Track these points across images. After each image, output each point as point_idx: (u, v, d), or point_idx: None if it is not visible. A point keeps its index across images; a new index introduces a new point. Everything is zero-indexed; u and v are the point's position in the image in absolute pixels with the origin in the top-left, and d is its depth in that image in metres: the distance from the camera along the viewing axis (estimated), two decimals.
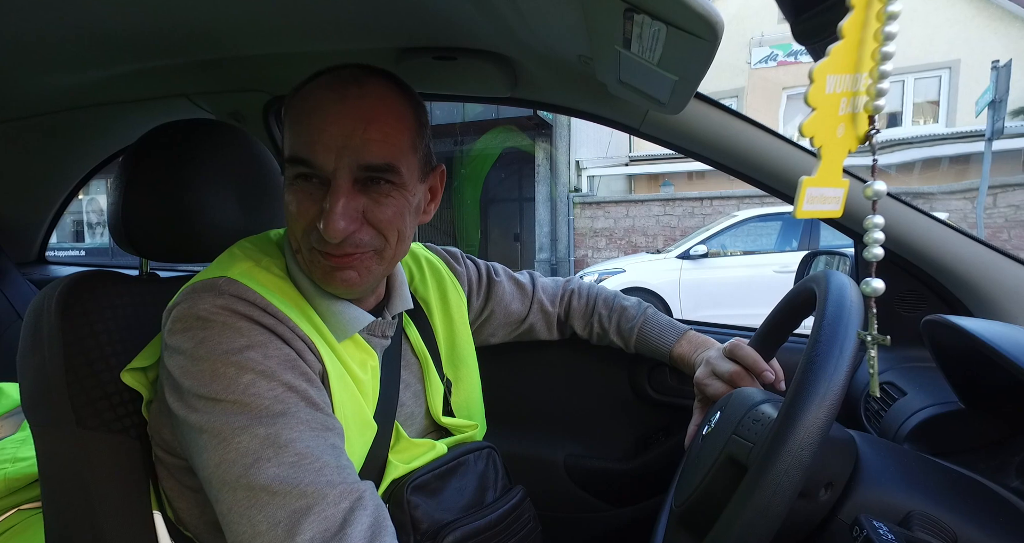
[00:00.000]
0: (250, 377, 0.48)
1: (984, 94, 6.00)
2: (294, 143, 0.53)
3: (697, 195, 7.76)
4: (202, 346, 0.49)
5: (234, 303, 0.51)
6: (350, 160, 0.52)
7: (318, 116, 0.52)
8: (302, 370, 0.52)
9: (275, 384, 0.49)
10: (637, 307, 0.89)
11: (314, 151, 0.52)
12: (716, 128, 0.81)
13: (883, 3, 0.27)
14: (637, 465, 1.00)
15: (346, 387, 0.57)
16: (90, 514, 0.60)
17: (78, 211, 10.65)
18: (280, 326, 0.52)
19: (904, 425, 0.66)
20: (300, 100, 0.54)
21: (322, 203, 0.52)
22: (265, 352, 0.50)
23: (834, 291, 0.51)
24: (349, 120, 0.52)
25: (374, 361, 0.63)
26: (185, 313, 0.51)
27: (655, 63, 0.52)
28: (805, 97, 0.28)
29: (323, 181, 0.53)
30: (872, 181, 0.31)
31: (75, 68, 0.84)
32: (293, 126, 0.54)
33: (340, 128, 0.51)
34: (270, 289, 0.55)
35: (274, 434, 0.46)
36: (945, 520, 0.43)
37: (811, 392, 0.41)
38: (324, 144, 0.51)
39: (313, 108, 0.53)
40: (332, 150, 0.51)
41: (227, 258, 0.58)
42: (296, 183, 0.54)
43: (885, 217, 0.79)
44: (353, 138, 0.52)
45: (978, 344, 0.49)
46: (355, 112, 0.52)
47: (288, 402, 0.48)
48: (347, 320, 0.59)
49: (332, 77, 0.54)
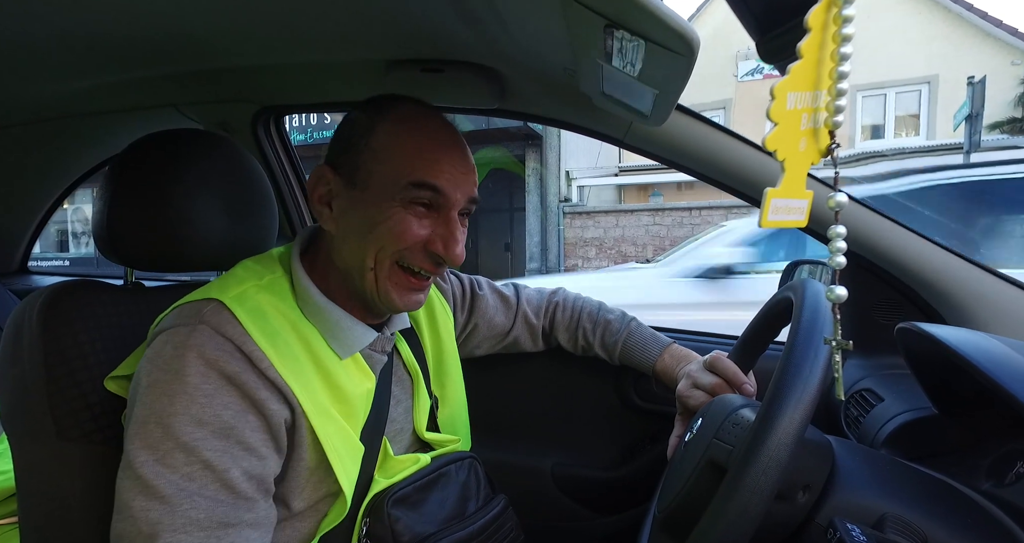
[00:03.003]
0: (169, 446, 0.48)
1: (961, 109, 6.17)
2: (419, 169, 0.57)
3: (686, 205, 7.85)
4: (149, 391, 0.50)
5: (206, 342, 0.50)
6: (465, 193, 0.60)
7: (443, 148, 0.59)
8: (240, 439, 0.50)
9: (192, 460, 0.48)
10: (621, 320, 0.90)
11: (443, 180, 0.58)
12: (698, 140, 0.83)
13: (838, 26, 0.29)
14: (624, 473, 1.00)
15: (331, 419, 0.57)
16: (69, 528, 0.59)
17: (62, 220, 10.50)
18: (246, 373, 0.51)
19: (881, 430, 0.68)
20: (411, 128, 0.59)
21: (434, 227, 0.59)
22: (201, 416, 0.49)
23: (810, 298, 0.52)
24: (463, 157, 0.61)
25: (370, 383, 0.63)
26: (160, 344, 0.52)
27: (636, 76, 0.54)
28: (767, 112, 0.30)
29: (433, 207, 0.59)
30: (834, 193, 0.32)
31: (63, 77, 0.84)
32: (415, 154, 0.58)
33: (463, 166, 0.60)
34: (264, 312, 0.55)
35: (155, 534, 0.46)
36: (916, 522, 0.44)
37: (787, 395, 0.43)
38: (454, 176, 0.59)
39: (435, 139, 0.59)
40: (454, 182, 0.59)
41: (226, 278, 0.59)
42: (415, 207, 0.58)
43: (864, 228, 0.82)
44: (467, 173, 0.60)
45: (947, 351, 0.51)
46: (464, 149, 0.61)
47: (192, 489, 0.48)
48: (355, 336, 0.61)
49: (428, 110, 0.62)
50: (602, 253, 8.11)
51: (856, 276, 0.88)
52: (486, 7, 0.57)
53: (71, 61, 0.78)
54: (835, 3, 0.29)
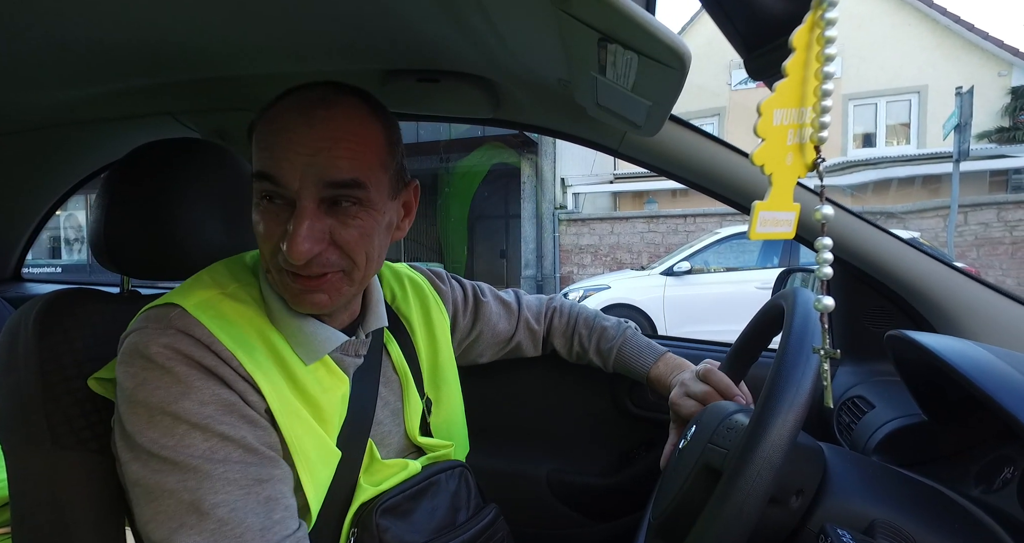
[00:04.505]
0: (184, 429, 0.48)
1: (950, 118, 6.27)
2: (260, 161, 0.53)
3: (681, 212, 7.90)
4: (140, 389, 0.50)
5: (178, 341, 0.51)
6: (316, 178, 0.51)
7: (284, 137, 0.52)
8: (242, 413, 0.51)
9: (209, 435, 0.49)
10: (617, 328, 0.90)
11: (280, 168, 0.51)
12: (691, 149, 0.85)
13: (821, 46, 0.30)
14: (619, 480, 1.01)
15: (301, 421, 0.56)
16: (64, 535, 0.59)
17: (55, 227, 10.43)
18: (222, 367, 0.52)
19: (872, 437, 0.68)
20: (268, 121, 0.54)
21: (286, 224, 0.52)
22: (201, 398, 0.50)
23: (801, 304, 0.53)
24: (315, 141, 0.52)
25: (344, 387, 0.62)
26: (131, 347, 0.52)
27: (629, 88, 0.55)
28: (754, 128, 0.31)
29: (289, 202, 0.53)
30: (821, 205, 0.33)
31: (59, 85, 0.85)
32: (260, 145, 0.54)
33: (306, 148, 0.51)
34: (228, 320, 0.55)
35: (198, 500, 0.47)
36: (906, 528, 0.45)
37: (781, 397, 0.44)
38: (290, 162, 0.51)
39: (280, 129, 0.53)
40: (298, 168, 0.51)
41: (192, 284, 0.58)
42: (262, 203, 0.54)
43: (854, 238, 0.83)
44: (319, 157, 0.51)
45: (934, 359, 0.52)
46: (322, 132, 0.52)
47: (219, 457, 0.49)
48: (318, 341, 0.58)
49: (299, 98, 0.54)
50: (597, 260, 8.13)
51: (848, 284, 0.89)
52: (482, 20, 0.58)
53: (68, 70, 0.78)
54: (818, 24, 0.30)
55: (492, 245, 9.67)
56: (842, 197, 8.36)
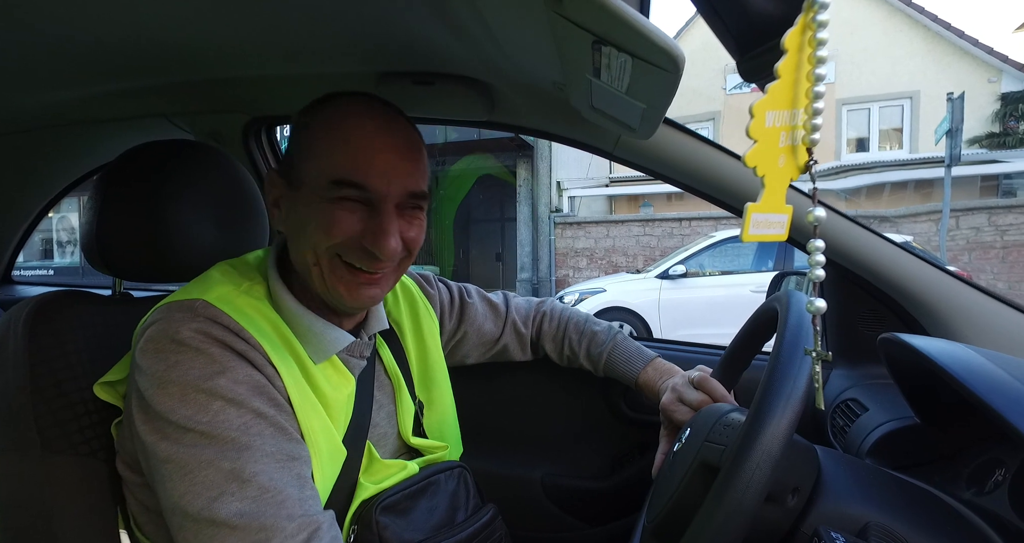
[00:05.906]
0: (219, 404, 0.49)
1: (942, 123, 6.33)
2: (339, 166, 0.55)
3: (676, 216, 7.93)
4: (173, 370, 0.50)
5: (209, 327, 0.52)
6: (399, 187, 0.57)
7: (366, 142, 0.56)
8: (271, 396, 0.53)
9: (244, 411, 0.50)
10: (607, 332, 0.90)
11: (368, 175, 0.55)
12: (685, 152, 0.85)
13: (813, 48, 0.30)
14: (614, 483, 1.00)
15: (316, 414, 0.57)
16: (51, 540, 0.58)
17: (47, 229, 10.35)
18: (252, 352, 0.53)
19: (866, 440, 0.68)
20: (334, 125, 0.56)
21: (367, 222, 0.56)
22: (235, 377, 0.51)
23: (795, 305, 0.54)
24: (396, 150, 0.57)
25: (350, 387, 0.63)
26: (159, 334, 0.51)
27: (624, 91, 0.55)
28: (747, 130, 0.31)
29: (364, 202, 0.57)
30: (813, 207, 0.33)
31: (53, 86, 0.84)
32: (331, 148, 0.56)
33: (389, 156, 0.56)
34: (248, 314, 0.56)
35: (239, 468, 0.47)
36: (899, 530, 0.45)
37: (778, 392, 0.44)
38: (377, 170, 0.56)
39: (357, 134, 0.56)
40: (384, 176, 0.56)
41: (206, 280, 0.59)
42: (340, 203, 0.56)
43: (847, 240, 0.83)
44: (400, 167, 0.57)
45: (926, 362, 0.52)
46: (399, 142, 0.58)
47: (255, 432, 0.50)
48: (329, 341, 0.60)
49: (363, 105, 0.58)
50: (593, 263, 8.14)
51: (842, 288, 0.90)
52: (476, 22, 0.58)
53: (62, 71, 0.78)
54: (810, 27, 0.30)
55: (488, 248, 9.68)
56: (836, 201, 8.43)
